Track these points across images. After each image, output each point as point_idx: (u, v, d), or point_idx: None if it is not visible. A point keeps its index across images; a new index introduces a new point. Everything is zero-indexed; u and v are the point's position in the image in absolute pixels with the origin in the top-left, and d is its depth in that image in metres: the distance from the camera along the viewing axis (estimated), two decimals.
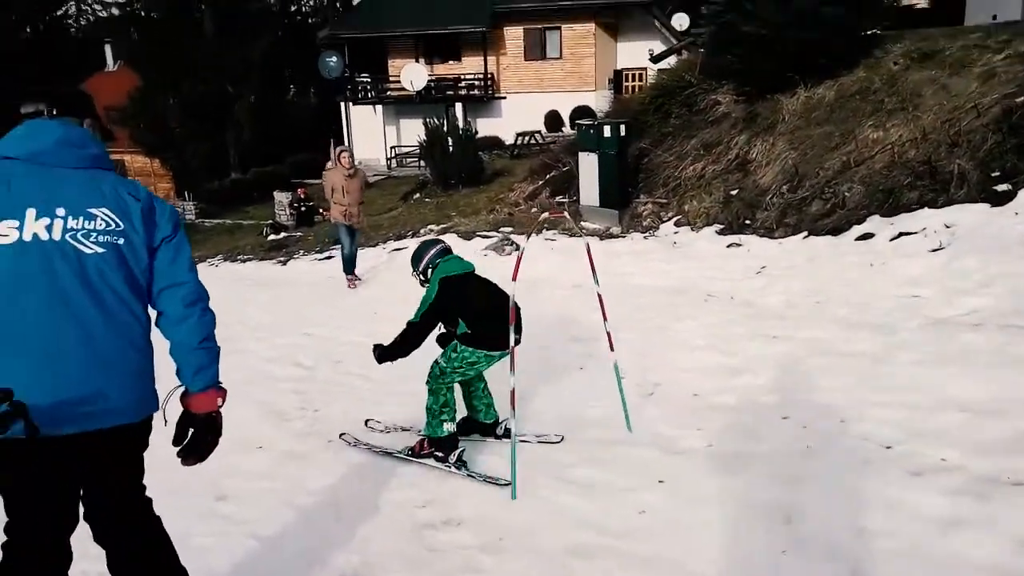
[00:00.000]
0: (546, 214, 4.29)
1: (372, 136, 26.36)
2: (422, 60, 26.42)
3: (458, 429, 3.94)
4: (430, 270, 3.92)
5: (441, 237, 11.04)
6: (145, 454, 2.18)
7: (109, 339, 1.94)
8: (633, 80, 25.51)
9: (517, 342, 3.79)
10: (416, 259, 4.03)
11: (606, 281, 7.43)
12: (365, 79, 27.48)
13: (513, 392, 3.44)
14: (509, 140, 23.07)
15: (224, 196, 26.59)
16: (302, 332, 6.82)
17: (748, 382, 4.57)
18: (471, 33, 25.73)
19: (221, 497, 3.57)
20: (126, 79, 29.66)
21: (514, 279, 3.48)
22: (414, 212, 15.40)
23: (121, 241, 1.98)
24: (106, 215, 1.97)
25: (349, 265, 9.17)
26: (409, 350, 3.83)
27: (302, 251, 13.68)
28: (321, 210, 19.91)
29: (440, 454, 3.78)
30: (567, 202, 11.75)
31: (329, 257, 12.24)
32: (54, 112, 2.05)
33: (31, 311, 1.85)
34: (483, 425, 4.14)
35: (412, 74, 24.92)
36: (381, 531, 3.24)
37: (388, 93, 26.98)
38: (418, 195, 17.65)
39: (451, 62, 26.90)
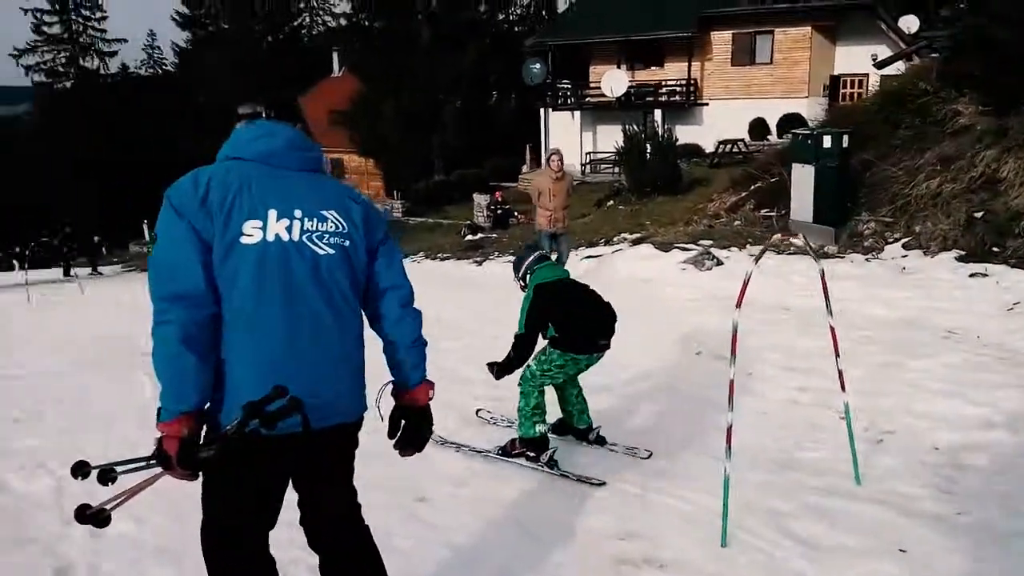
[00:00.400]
0: (777, 235, 3.91)
1: (568, 142, 26.47)
2: (623, 66, 26.17)
3: (553, 430, 4.19)
4: (528, 275, 4.09)
5: (636, 248, 10.78)
6: None
7: (338, 338, 1.98)
8: (851, 87, 23.57)
9: (606, 347, 3.95)
10: (516, 266, 4.24)
11: (822, 306, 6.83)
12: (565, 85, 27.73)
13: (729, 429, 3.12)
14: (709, 148, 22.23)
15: (427, 196, 27.95)
16: (496, 335, 6.85)
17: (1005, 440, 3.89)
18: (676, 38, 25.06)
19: (421, 499, 3.58)
20: (349, 85, 32.17)
21: (738, 306, 3.17)
22: (607, 219, 15.24)
23: (347, 243, 2.01)
24: (335, 217, 2.00)
25: None
26: (523, 360, 3.93)
27: (496, 252, 14.00)
28: (517, 213, 20.34)
29: (531, 453, 3.94)
30: (774, 216, 11.01)
31: None
32: (271, 114, 2.05)
33: (271, 310, 1.87)
34: (577, 429, 4.25)
35: (612, 80, 24.76)
36: (576, 559, 3.06)
37: (587, 99, 27.04)
38: (611, 202, 17.48)
39: (653, 68, 26.40)
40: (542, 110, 27.92)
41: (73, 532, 1.85)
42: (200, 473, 1.82)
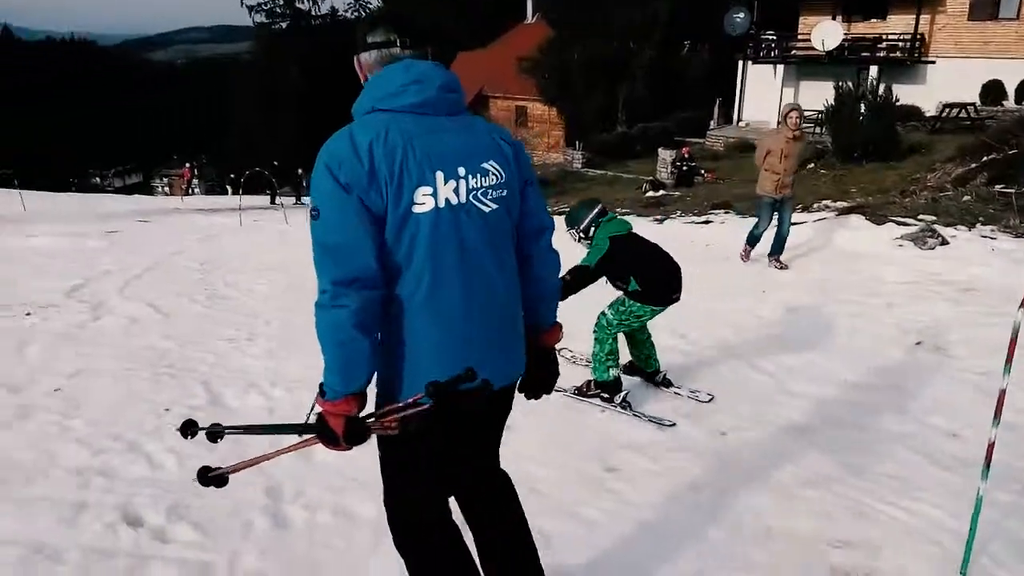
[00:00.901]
0: None
1: (764, 97, 24.80)
2: (839, 17, 23.89)
3: (625, 372, 4.46)
4: (592, 228, 4.18)
5: (844, 218, 9.84)
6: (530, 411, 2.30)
7: (507, 297, 1.90)
8: None
9: (677, 299, 4.19)
10: (574, 218, 4.26)
11: None
12: (770, 37, 25.83)
13: (991, 446, 2.65)
14: (930, 111, 19.90)
15: (609, 148, 27.35)
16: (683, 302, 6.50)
17: None
18: None
19: (611, 469, 3.42)
20: (540, 31, 31.97)
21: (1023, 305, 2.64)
22: (806, 183, 14.07)
23: (506, 193, 1.87)
24: (495, 168, 1.84)
25: (753, 239, 8.29)
26: (570, 293, 3.99)
27: (679, 212, 13.39)
28: (703, 171, 19.41)
29: (606, 395, 4.22)
30: (1013, 193, 9.60)
31: (707, 222, 11.76)
32: (406, 42, 1.82)
33: (449, 280, 1.77)
34: (645, 372, 4.52)
35: (825, 32, 22.70)
36: (785, 563, 2.76)
37: (792, 52, 25.05)
38: (812, 164, 16.14)
39: (874, 20, 23.88)
40: (740, 63, 26.28)
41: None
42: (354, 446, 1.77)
